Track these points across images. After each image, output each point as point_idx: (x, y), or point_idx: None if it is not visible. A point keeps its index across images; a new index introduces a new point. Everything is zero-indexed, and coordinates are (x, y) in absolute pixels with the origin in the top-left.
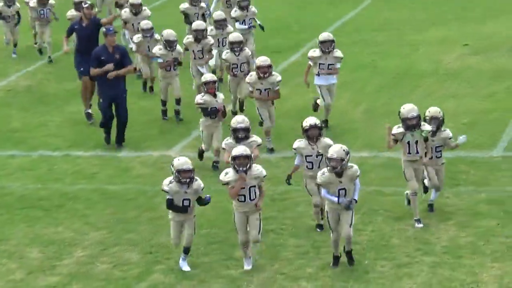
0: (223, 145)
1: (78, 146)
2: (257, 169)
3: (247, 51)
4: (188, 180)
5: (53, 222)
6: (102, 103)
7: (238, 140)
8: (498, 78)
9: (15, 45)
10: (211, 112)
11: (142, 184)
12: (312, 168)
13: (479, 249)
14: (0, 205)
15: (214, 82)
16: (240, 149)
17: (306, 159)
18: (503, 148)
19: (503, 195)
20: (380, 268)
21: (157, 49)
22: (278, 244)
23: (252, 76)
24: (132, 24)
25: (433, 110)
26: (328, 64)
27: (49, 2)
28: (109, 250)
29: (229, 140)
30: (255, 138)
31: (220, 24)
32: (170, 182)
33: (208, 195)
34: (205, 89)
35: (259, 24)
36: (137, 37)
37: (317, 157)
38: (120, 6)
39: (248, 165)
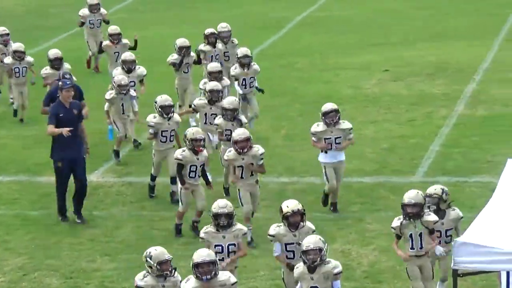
0: (201, 234)
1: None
2: (225, 275)
3: (242, 118)
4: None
5: None
6: (62, 167)
7: (220, 228)
8: (417, 104)
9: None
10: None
11: None
12: (293, 258)
13: (400, 274)
14: None
15: (204, 140)
16: (203, 253)
17: (286, 247)
18: (422, 173)
19: None
20: None
21: (151, 118)
22: None
23: (231, 152)
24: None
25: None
26: (335, 138)
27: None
28: (29, 275)
29: (208, 228)
30: (240, 226)
31: (215, 77)
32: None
33: None
34: (191, 146)
35: (256, 87)
36: (110, 94)
37: (299, 245)
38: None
39: (214, 272)
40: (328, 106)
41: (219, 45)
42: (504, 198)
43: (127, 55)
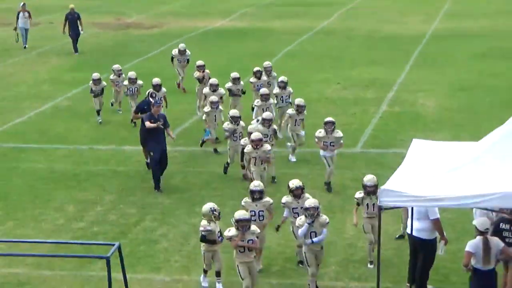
0: (242, 203)
1: (98, 142)
2: (253, 227)
3: (267, 146)
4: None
5: (82, 189)
6: (154, 155)
7: (254, 200)
8: (357, 104)
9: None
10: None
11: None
12: (298, 217)
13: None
14: (49, 178)
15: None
16: (242, 213)
17: (293, 210)
18: (360, 147)
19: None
20: None
21: (226, 124)
22: None
23: (249, 147)
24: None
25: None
26: (330, 142)
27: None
28: (116, 207)
29: (246, 199)
30: (268, 199)
31: (265, 98)
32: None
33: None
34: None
35: (290, 102)
36: (207, 108)
37: (301, 209)
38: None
39: (248, 226)
40: (329, 118)
41: (264, 77)
42: (409, 163)
43: (214, 80)
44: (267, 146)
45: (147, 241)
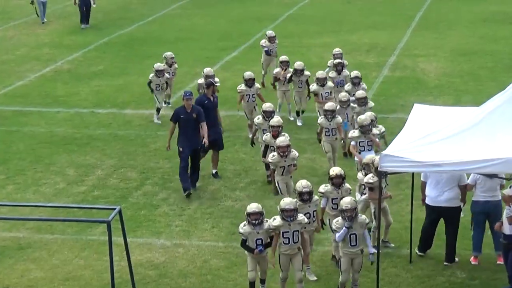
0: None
1: (99, 106)
2: (301, 216)
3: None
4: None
5: (82, 153)
6: (183, 152)
7: (304, 201)
8: (358, 69)
9: (157, 110)
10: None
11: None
12: (336, 208)
13: None
14: (50, 142)
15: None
16: (288, 202)
17: (332, 201)
18: None
19: None
20: None
21: (256, 119)
22: None
23: (275, 156)
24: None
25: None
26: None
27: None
28: (118, 171)
29: (296, 200)
30: (317, 198)
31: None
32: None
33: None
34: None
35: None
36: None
37: (340, 199)
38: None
39: (294, 216)
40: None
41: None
42: (410, 129)
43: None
44: (295, 153)
45: (147, 205)
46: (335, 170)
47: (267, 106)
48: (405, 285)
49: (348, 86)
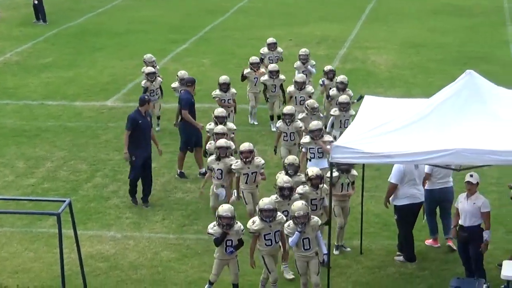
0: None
1: (49, 98)
2: (279, 216)
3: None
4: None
5: (32, 145)
6: (136, 162)
7: (284, 197)
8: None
9: (158, 118)
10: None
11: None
12: (315, 209)
13: None
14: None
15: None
16: (267, 202)
17: (311, 202)
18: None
19: None
20: None
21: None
22: None
23: (238, 162)
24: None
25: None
26: (318, 148)
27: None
28: (68, 163)
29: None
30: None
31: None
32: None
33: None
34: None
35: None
36: None
37: (319, 200)
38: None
39: (274, 216)
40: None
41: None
42: (361, 120)
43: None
44: (260, 160)
45: (98, 197)
46: (314, 171)
47: (219, 111)
48: (356, 276)
49: (332, 91)
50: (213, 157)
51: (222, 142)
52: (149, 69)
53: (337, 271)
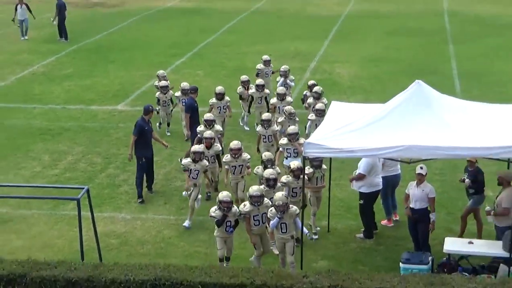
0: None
1: (69, 103)
2: (267, 201)
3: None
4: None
5: (56, 142)
6: (144, 162)
7: (269, 187)
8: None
9: (168, 125)
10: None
11: None
12: (295, 196)
13: None
14: (28, 133)
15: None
16: (256, 189)
17: (292, 190)
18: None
19: None
20: None
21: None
22: None
23: (228, 156)
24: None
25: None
26: (294, 149)
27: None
28: (86, 157)
29: (264, 186)
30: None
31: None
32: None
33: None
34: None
35: None
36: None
37: (299, 189)
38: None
39: (262, 200)
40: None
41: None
42: (329, 122)
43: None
44: (246, 155)
45: (111, 185)
46: (295, 164)
47: (207, 116)
48: (324, 250)
49: (310, 99)
50: (189, 159)
51: (196, 147)
52: (163, 83)
53: (308, 246)
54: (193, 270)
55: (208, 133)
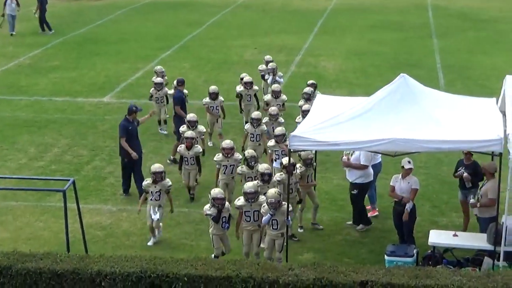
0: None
1: (56, 95)
2: (262, 198)
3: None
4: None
5: (42, 134)
6: (129, 162)
7: (264, 182)
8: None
9: (165, 122)
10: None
11: None
12: (291, 192)
13: None
14: (14, 125)
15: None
16: (250, 185)
17: (287, 186)
18: None
19: None
20: None
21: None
22: None
23: (219, 155)
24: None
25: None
26: (281, 151)
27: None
28: (72, 149)
29: (258, 181)
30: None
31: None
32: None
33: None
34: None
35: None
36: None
37: (294, 184)
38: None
39: (256, 197)
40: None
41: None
42: (314, 115)
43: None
44: (238, 155)
45: (97, 177)
46: (287, 159)
47: (191, 116)
48: (309, 242)
49: (301, 102)
50: (149, 180)
51: (156, 166)
52: (158, 79)
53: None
54: (179, 263)
55: (189, 133)
